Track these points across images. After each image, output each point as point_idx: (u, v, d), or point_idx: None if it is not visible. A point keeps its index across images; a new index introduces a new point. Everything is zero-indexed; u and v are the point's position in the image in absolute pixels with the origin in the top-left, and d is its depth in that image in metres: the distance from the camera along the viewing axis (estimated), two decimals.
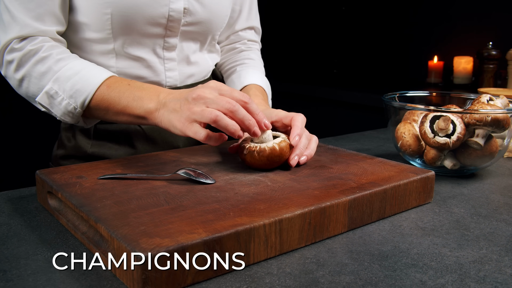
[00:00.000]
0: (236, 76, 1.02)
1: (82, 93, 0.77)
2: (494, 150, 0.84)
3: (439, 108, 0.84)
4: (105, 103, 0.77)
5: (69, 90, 0.77)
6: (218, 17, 0.94)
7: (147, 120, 0.74)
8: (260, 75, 1.03)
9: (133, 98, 0.74)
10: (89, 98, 0.77)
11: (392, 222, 0.66)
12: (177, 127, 0.68)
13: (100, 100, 0.77)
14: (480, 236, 0.61)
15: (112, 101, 0.76)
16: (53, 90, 0.78)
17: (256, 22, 1.11)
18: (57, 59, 0.78)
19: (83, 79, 0.77)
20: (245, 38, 1.09)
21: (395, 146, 0.94)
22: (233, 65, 1.07)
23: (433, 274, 0.51)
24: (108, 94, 0.76)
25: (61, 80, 0.77)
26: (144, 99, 0.73)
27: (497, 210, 0.71)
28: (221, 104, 0.67)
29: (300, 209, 0.57)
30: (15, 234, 0.60)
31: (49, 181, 0.66)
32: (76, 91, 0.77)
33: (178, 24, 0.88)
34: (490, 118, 0.80)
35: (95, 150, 0.91)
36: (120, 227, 0.51)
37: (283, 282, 0.49)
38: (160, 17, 0.85)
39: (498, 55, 1.93)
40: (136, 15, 0.82)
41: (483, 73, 1.95)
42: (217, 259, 0.50)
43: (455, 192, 0.79)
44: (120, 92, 0.76)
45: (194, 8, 0.89)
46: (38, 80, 0.78)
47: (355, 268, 0.52)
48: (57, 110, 0.79)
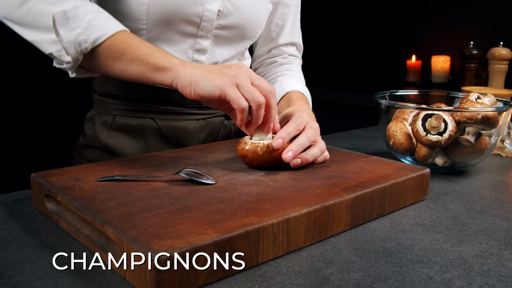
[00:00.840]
0: (278, 85, 1.01)
1: (100, 30, 0.72)
2: (483, 147, 0.86)
3: (431, 106, 0.86)
4: (124, 46, 0.72)
5: (87, 22, 0.72)
6: (252, 25, 0.94)
7: (165, 73, 0.70)
8: (301, 84, 1.02)
9: (157, 51, 0.72)
10: (105, 37, 0.72)
11: (391, 219, 0.67)
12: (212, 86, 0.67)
13: (121, 41, 0.72)
14: (479, 231, 0.63)
15: (133, 45, 0.72)
16: (71, 13, 0.71)
17: (298, 38, 1.11)
18: None
19: (105, 19, 0.73)
20: (287, 53, 1.10)
21: (386, 144, 0.96)
22: (274, 76, 1.06)
23: (439, 269, 0.52)
24: (132, 39, 0.72)
25: (82, 10, 0.72)
26: (170, 56, 0.72)
27: (490, 206, 0.72)
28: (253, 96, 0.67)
29: (306, 208, 0.57)
30: (14, 238, 0.59)
31: (47, 184, 0.65)
32: (95, 25, 0.72)
33: (211, 25, 0.88)
34: (480, 116, 0.82)
35: (109, 141, 0.93)
36: (128, 229, 0.50)
37: (294, 280, 0.49)
38: (194, 15, 0.86)
39: (479, 54, 1.98)
40: (172, 10, 0.83)
41: (465, 72, 2.00)
42: (229, 259, 0.50)
43: (448, 188, 0.81)
44: (144, 43, 0.73)
45: (229, 12, 0.89)
46: (50, 5, 0.71)
47: (362, 265, 0.53)
48: (65, 34, 0.72)
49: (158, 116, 0.93)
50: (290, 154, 0.72)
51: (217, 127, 1.01)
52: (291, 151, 0.72)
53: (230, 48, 0.96)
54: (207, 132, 0.99)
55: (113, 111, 0.93)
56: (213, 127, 1.00)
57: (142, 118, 0.93)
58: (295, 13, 1.08)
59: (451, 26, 2.59)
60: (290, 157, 0.72)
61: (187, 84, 0.69)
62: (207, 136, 0.99)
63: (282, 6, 1.05)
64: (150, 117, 0.93)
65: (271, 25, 1.06)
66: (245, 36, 0.96)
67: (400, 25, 2.83)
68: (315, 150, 0.75)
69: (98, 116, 0.95)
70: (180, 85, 0.69)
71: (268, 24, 1.05)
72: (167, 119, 0.93)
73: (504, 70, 1.74)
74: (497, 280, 0.50)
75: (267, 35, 1.07)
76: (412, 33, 2.77)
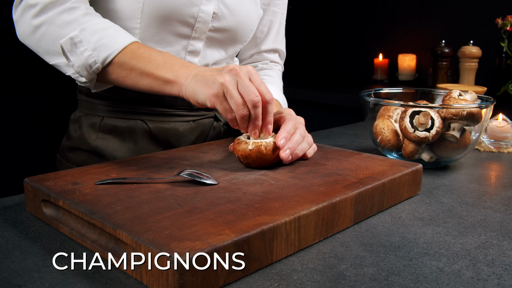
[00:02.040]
0: None
1: (108, 49, 0.75)
2: (467, 143, 0.90)
3: (418, 103, 0.89)
4: (134, 61, 0.75)
5: (94, 43, 0.75)
6: (244, 29, 0.95)
7: (172, 86, 0.73)
8: (277, 91, 1.04)
9: (164, 63, 0.74)
10: (114, 55, 0.75)
11: (390, 214, 0.69)
12: (205, 97, 0.69)
13: (130, 57, 0.75)
14: (475, 223, 0.65)
15: (142, 60, 0.75)
16: (78, 38, 0.75)
17: (281, 45, 1.13)
18: (86, 13, 0.76)
19: (111, 35, 0.76)
20: (268, 59, 1.11)
21: (373, 141, 0.98)
22: None
23: (447, 261, 0.54)
24: (141, 53, 0.75)
25: (88, 31, 0.75)
26: (175, 66, 0.74)
27: (481, 199, 0.75)
28: (250, 95, 0.67)
29: (315, 206, 0.58)
30: (15, 246, 0.57)
31: (44, 189, 0.63)
32: (102, 45, 0.75)
33: (205, 27, 0.88)
34: (465, 112, 0.85)
35: (98, 143, 0.91)
36: (143, 232, 0.50)
37: (311, 277, 0.50)
38: (189, 16, 0.85)
39: (451, 52, 2.05)
40: (168, 9, 0.83)
41: (437, 69, 2.06)
42: (247, 259, 0.50)
43: (437, 183, 0.83)
44: (152, 55, 0.75)
45: (223, 14, 0.89)
46: (60, 29, 0.75)
47: (373, 259, 0.54)
48: (76, 60, 0.76)
49: (149, 118, 0.92)
50: (288, 152, 0.73)
51: (207, 128, 1.00)
52: (288, 149, 0.73)
53: (221, 51, 0.96)
54: (197, 134, 0.98)
55: (101, 113, 0.91)
56: (203, 128, 0.99)
57: (132, 120, 0.91)
58: (280, 20, 1.09)
59: (416, 25, 2.67)
60: (288, 155, 0.72)
61: (190, 94, 0.72)
62: (197, 137, 0.98)
63: (269, 13, 1.06)
64: (140, 119, 0.91)
65: (257, 31, 1.07)
66: (236, 40, 0.96)
67: (367, 24, 2.88)
68: (304, 144, 0.77)
69: (85, 118, 0.93)
70: (185, 96, 0.72)
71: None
72: (157, 120, 0.92)
73: (475, 67, 1.81)
74: (503, 270, 0.52)
75: (252, 40, 1.08)
76: (378, 32, 2.83)
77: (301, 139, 0.77)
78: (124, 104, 0.91)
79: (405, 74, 2.64)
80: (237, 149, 0.73)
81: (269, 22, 1.07)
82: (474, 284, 0.49)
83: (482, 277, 0.51)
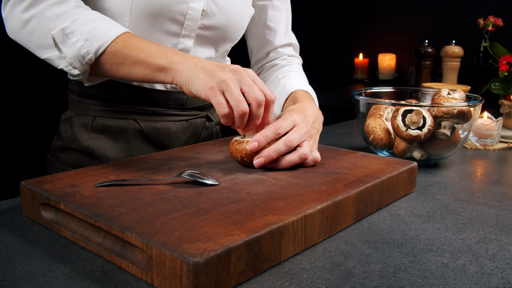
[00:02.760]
0: (281, 88, 0.98)
1: (100, 39, 0.74)
2: (457, 140, 0.92)
3: (410, 102, 0.90)
4: (126, 50, 0.73)
5: (86, 33, 0.74)
6: (234, 27, 0.94)
7: (166, 73, 0.71)
8: (305, 83, 1.00)
9: (157, 51, 0.73)
10: (106, 45, 0.74)
11: (389, 211, 0.70)
12: (201, 88, 0.67)
13: (122, 45, 0.74)
14: (472, 219, 0.67)
15: (135, 48, 0.73)
16: (69, 29, 0.74)
17: (293, 39, 1.12)
18: (76, 5, 0.76)
19: (103, 26, 0.75)
20: (285, 54, 1.10)
21: (364, 139, 0.99)
22: (276, 80, 1.04)
23: (450, 256, 0.55)
24: (133, 42, 0.74)
25: (79, 22, 0.74)
26: (170, 54, 0.72)
27: (474, 195, 0.77)
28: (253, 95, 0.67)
29: (320, 204, 0.58)
30: (17, 251, 0.56)
31: (43, 192, 0.62)
32: (94, 35, 0.74)
33: (195, 24, 0.88)
34: (456, 110, 0.87)
35: (90, 143, 0.90)
36: (152, 234, 0.49)
37: (321, 276, 0.51)
38: (178, 14, 0.85)
39: (434, 52, 2.08)
40: (157, 7, 0.82)
41: (421, 68, 2.10)
42: (257, 259, 0.50)
43: (430, 180, 0.85)
44: (145, 43, 0.74)
45: (212, 12, 0.89)
46: (50, 21, 0.74)
47: (379, 256, 0.55)
48: (68, 51, 0.74)
49: (141, 117, 0.91)
50: (261, 160, 0.70)
51: (199, 128, 1.00)
52: (262, 158, 0.71)
53: (211, 49, 0.95)
54: (189, 134, 0.98)
55: (93, 112, 0.90)
56: (195, 128, 0.99)
57: (124, 119, 0.90)
58: (287, 15, 1.10)
59: (395, 25, 2.71)
60: (259, 163, 0.70)
61: (184, 82, 0.70)
62: (189, 137, 0.98)
63: (272, 8, 1.06)
64: (132, 118, 0.90)
65: (264, 28, 1.07)
66: (227, 38, 0.96)
67: (347, 24, 2.91)
68: (293, 156, 0.72)
69: (77, 118, 0.91)
70: (179, 83, 0.71)
71: (261, 27, 1.06)
72: (149, 120, 0.91)
73: (457, 67, 1.84)
74: (505, 264, 0.54)
75: (262, 38, 1.08)
76: (358, 32, 2.86)
77: (284, 148, 0.71)
78: (116, 103, 0.90)
79: (385, 74, 2.68)
80: (237, 149, 0.73)
81: (276, 17, 1.07)
82: (479, 279, 0.50)
83: (486, 271, 0.52)
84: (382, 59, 2.68)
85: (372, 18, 2.79)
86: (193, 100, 0.96)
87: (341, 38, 2.95)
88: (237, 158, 0.74)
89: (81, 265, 0.52)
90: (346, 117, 2.21)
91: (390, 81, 2.67)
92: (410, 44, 2.64)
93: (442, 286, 0.49)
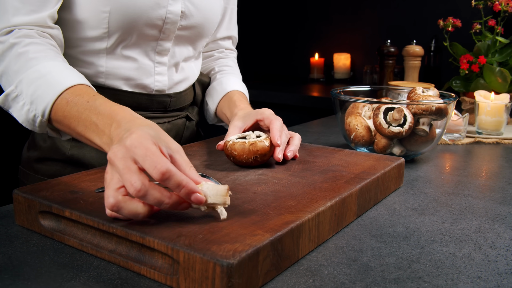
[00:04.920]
0: (218, 83, 1.04)
1: (43, 101, 0.69)
2: (435, 136, 0.96)
3: (391, 100, 0.93)
4: (67, 121, 0.68)
5: (30, 95, 0.70)
6: (210, 23, 0.94)
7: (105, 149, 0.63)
8: (239, 82, 1.06)
9: (90, 123, 0.64)
10: (49, 107, 0.69)
11: (385, 206, 0.72)
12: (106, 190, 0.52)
13: (62, 116, 0.68)
14: (463, 210, 0.71)
15: (72, 120, 0.67)
16: (14, 93, 0.71)
17: (234, 32, 1.13)
18: (31, 58, 0.71)
19: (46, 84, 0.69)
20: (223, 47, 1.12)
21: (344, 137, 1.02)
22: (212, 72, 1.09)
23: (454, 246, 0.58)
24: (69, 111, 0.67)
25: (25, 83, 0.70)
26: (100, 128, 0.63)
27: (458, 188, 0.81)
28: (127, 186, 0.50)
29: (329, 201, 0.59)
30: (22, 262, 0.53)
31: (43, 200, 0.59)
32: (37, 97, 0.69)
33: (174, 27, 0.86)
34: (434, 107, 0.91)
35: (74, 152, 0.86)
36: (176, 238, 0.49)
37: (341, 271, 0.52)
38: (157, 19, 0.83)
39: (396, 51, 2.16)
40: (135, 15, 0.79)
41: (384, 68, 2.17)
42: (279, 257, 0.50)
43: (413, 175, 0.89)
44: (79, 111, 0.66)
45: (190, 12, 0.88)
46: (12, 78, 0.71)
47: (389, 250, 0.57)
48: (18, 116, 0.72)
49: None
50: (281, 154, 0.76)
51: (181, 128, 0.99)
52: (281, 151, 0.76)
53: (189, 47, 0.95)
54: (173, 135, 0.96)
55: None
56: (178, 129, 0.98)
57: None
58: (233, 6, 1.10)
59: (348, 25, 2.78)
60: (281, 156, 0.76)
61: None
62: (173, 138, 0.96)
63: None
64: None
65: None
66: (203, 35, 0.95)
67: (302, 24, 2.96)
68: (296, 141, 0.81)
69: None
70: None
71: None
72: None
73: (418, 65, 1.92)
74: (506, 251, 0.57)
75: None
76: (314, 32, 2.92)
77: (287, 139, 0.80)
78: None
79: (341, 73, 2.75)
80: (253, 150, 0.73)
81: (222, 9, 1.07)
82: (488, 266, 0.53)
83: (491, 259, 0.55)
84: (337, 59, 2.74)
85: (326, 18, 2.85)
86: (175, 102, 0.95)
87: (296, 38, 2.99)
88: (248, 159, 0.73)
89: (96, 273, 0.51)
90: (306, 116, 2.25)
91: (345, 80, 2.74)
92: (362, 44, 2.73)
93: (456, 274, 0.51)
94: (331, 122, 1.44)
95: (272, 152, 0.75)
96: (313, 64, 2.84)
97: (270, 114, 0.81)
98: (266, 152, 0.73)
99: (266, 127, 0.82)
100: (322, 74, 2.83)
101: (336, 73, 2.77)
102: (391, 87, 1.12)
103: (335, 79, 2.77)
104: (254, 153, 0.73)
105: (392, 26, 2.59)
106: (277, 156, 0.75)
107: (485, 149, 1.11)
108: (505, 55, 1.31)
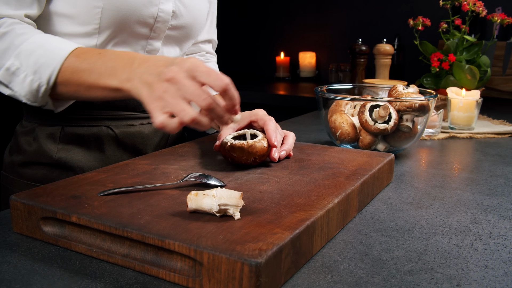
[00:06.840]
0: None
1: (48, 67, 0.70)
2: (417, 132, 0.99)
3: (376, 98, 0.96)
4: (76, 77, 0.70)
5: (32, 65, 0.70)
6: (197, 24, 0.94)
7: (122, 92, 0.67)
8: None
9: (105, 68, 0.68)
10: (56, 72, 0.70)
11: (381, 201, 0.74)
12: (146, 107, 0.62)
13: (70, 73, 0.70)
14: (455, 202, 0.73)
15: (83, 73, 0.69)
16: (14, 66, 0.70)
17: (214, 35, 1.12)
18: (19, 33, 0.71)
19: (48, 51, 0.70)
20: (204, 50, 1.11)
21: (329, 134, 1.04)
22: None
23: (456, 238, 0.61)
24: (78, 65, 0.70)
25: (24, 55, 0.70)
26: (118, 69, 0.67)
27: (445, 181, 0.84)
28: (199, 100, 0.59)
29: (336, 198, 0.61)
30: (30, 271, 0.51)
31: (46, 206, 0.57)
32: (41, 65, 0.70)
33: (164, 26, 0.86)
34: (417, 104, 0.94)
35: (62, 155, 0.84)
36: (196, 239, 0.48)
37: (357, 265, 0.53)
38: (149, 17, 0.82)
39: (367, 50, 2.21)
40: (128, 12, 0.79)
41: (356, 66, 2.21)
42: (297, 255, 0.51)
43: (400, 171, 0.91)
44: (91, 63, 0.69)
45: (180, 12, 0.87)
46: (4, 55, 0.70)
47: (396, 243, 0.59)
48: (20, 89, 0.71)
49: (113, 123, 0.87)
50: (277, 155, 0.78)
51: None
52: (277, 152, 0.78)
53: (176, 48, 0.94)
54: (161, 135, 0.95)
55: (59, 122, 0.84)
56: None
57: (96, 127, 0.85)
58: (213, 10, 1.09)
59: (311, 24, 2.82)
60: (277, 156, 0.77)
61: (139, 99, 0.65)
62: (160, 139, 0.95)
63: None
64: (105, 125, 0.86)
65: None
66: (191, 36, 0.95)
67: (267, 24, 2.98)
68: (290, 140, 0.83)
69: (40, 129, 0.84)
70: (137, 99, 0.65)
71: None
72: (122, 125, 0.87)
73: (388, 63, 1.97)
74: (504, 239, 0.60)
75: None
76: (279, 32, 2.94)
77: (281, 139, 0.81)
78: (86, 110, 0.85)
79: (306, 71, 2.78)
80: (253, 151, 0.72)
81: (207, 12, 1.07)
82: (492, 255, 0.56)
83: (492, 248, 0.58)
84: (303, 57, 2.78)
85: (289, 16, 2.88)
86: None
87: (259, 37, 3.01)
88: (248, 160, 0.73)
89: (111, 278, 0.50)
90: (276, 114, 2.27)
91: (311, 78, 2.78)
92: (327, 42, 2.77)
93: (465, 264, 0.53)
94: (307, 120, 1.46)
95: (269, 152, 0.76)
96: (278, 63, 2.86)
97: (264, 115, 0.82)
98: (265, 153, 0.74)
99: (260, 128, 0.82)
100: (288, 73, 2.86)
101: (301, 71, 2.80)
102: (368, 85, 1.15)
103: (301, 78, 2.80)
104: (253, 155, 0.73)
105: (355, 26, 2.65)
106: (273, 156, 0.76)
107: (459, 144, 1.16)
108: (473, 53, 1.37)
